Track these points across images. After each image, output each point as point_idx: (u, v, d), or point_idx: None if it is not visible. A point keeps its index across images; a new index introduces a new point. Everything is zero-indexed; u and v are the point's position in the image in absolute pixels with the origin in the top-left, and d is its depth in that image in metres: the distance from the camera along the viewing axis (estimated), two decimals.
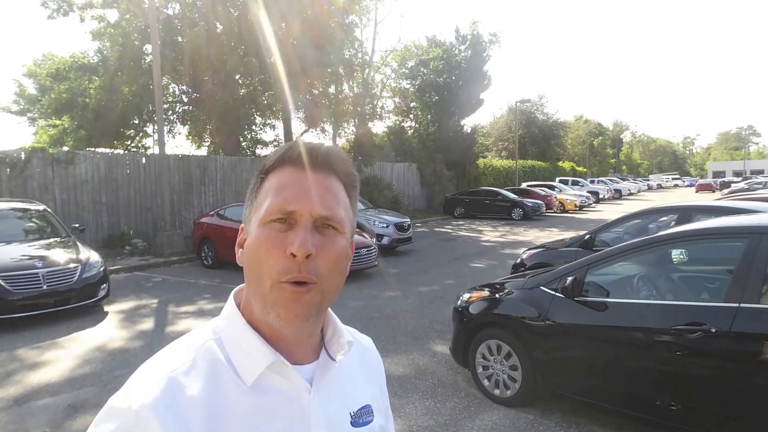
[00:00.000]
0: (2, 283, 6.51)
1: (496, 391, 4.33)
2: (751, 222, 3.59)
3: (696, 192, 51.82)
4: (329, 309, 0.82)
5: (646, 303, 3.57)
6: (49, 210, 8.94)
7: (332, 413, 0.77)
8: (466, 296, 4.82)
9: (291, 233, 0.70)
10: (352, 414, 0.81)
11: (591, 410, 3.94)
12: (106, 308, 7.67)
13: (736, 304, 2.97)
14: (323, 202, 0.72)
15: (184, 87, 19.84)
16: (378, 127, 29.80)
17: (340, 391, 0.81)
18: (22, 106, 25.21)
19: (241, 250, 0.78)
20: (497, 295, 4.53)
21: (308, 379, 0.76)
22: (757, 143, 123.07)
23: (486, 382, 4.42)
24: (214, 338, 0.75)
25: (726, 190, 31.10)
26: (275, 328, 0.73)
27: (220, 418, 0.67)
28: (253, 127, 21.11)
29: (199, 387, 0.68)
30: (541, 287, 4.09)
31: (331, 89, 20.99)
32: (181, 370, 0.69)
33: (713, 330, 2.99)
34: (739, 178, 56.29)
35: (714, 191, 48.59)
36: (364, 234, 10.74)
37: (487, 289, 4.79)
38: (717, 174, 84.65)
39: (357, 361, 0.89)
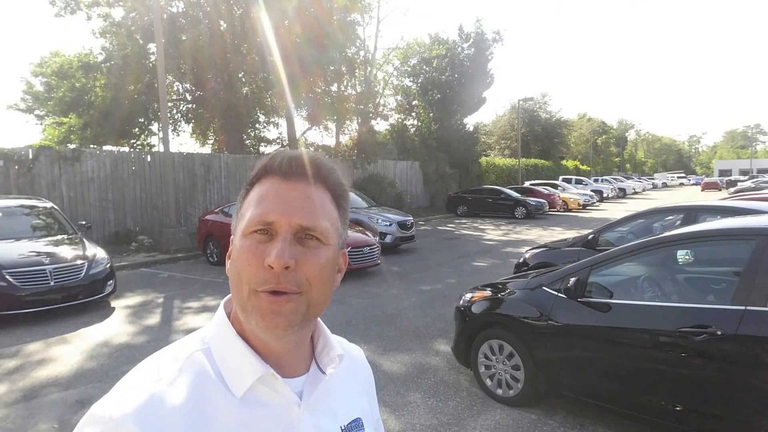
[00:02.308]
0: (10, 279, 6.57)
1: (499, 391, 4.34)
2: (758, 223, 3.53)
3: (702, 190, 51.64)
4: (320, 321, 0.82)
5: (651, 305, 3.55)
6: (56, 207, 9.00)
7: (322, 428, 0.77)
8: (468, 296, 4.83)
9: (270, 245, 0.69)
10: (343, 428, 0.81)
11: (595, 411, 3.94)
12: (113, 304, 7.73)
13: (743, 307, 2.95)
14: (303, 212, 0.71)
15: (188, 85, 19.91)
16: (380, 125, 29.80)
17: (330, 404, 0.80)
18: (29, 104, 25.30)
19: (229, 261, 0.78)
20: (499, 295, 4.55)
21: (298, 392, 0.75)
22: (764, 142, 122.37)
23: (488, 382, 4.44)
24: (202, 348, 0.74)
25: (732, 189, 30.97)
26: (262, 339, 0.73)
27: (204, 430, 0.66)
28: (257, 125, 21.18)
29: (184, 398, 0.67)
30: (544, 287, 4.10)
31: (334, 87, 21.01)
32: (166, 381, 0.68)
33: (719, 333, 2.97)
34: (746, 177, 56.01)
35: (720, 190, 48.40)
36: (368, 232, 10.76)
37: (489, 288, 4.80)
38: (723, 172, 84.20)
39: (347, 373, 0.87)
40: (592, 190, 32.77)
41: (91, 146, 15.34)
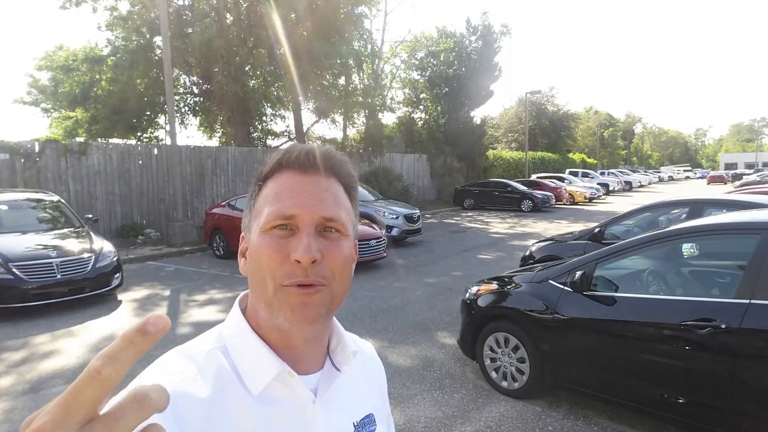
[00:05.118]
0: (17, 272, 6.62)
1: (504, 383, 4.36)
2: (763, 218, 3.52)
3: (708, 184, 51.38)
4: (334, 317, 0.81)
5: (656, 298, 3.56)
6: (62, 201, 9.05)
7: (336, 424, 0.77)
8: (474, 289, 4.85)
9: (293, 239, 0.69)
10: (356, 424, 0.81)
11: (598, 402, 3.95)
12: (120, 297, 7.79)
13: (747, 300, 2.96)
14: (324, 204, 0.71)
15: (195, 78, 19.90)
16: (388, 118, 29.72)
17: (343, 401, 0.80)
18: (35, 97, 25.34)
19: (243, 259, 0.77)
20: (505, 288, 4.55)
21: (312, 389, 0.75)
22: None
23: (494, 374, 4.45)
24: (218, 346, 0.73)
25: (738, 183, 30.80)
26: (284, 334, 0.72)
27: (224, 426, 0.66)
28: (264, 118, 21.15)
29: (205, 393, 0.66)
30: (550, 281, 4.10)
31: (341, 80, 20.95)
32: (187, 376, 0.67)
33: (723, 326, 2.99)
34: (751, 170, 55.70)
35: (726, 183, 48.17)
36: (374, 225, 10.76)
37: (495, 281, 4.81)
38: (729, 166, 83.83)
39: (359, 370, 0.88)
40: (598, 183, 32.70)
41: (98, 139, 15.37)
